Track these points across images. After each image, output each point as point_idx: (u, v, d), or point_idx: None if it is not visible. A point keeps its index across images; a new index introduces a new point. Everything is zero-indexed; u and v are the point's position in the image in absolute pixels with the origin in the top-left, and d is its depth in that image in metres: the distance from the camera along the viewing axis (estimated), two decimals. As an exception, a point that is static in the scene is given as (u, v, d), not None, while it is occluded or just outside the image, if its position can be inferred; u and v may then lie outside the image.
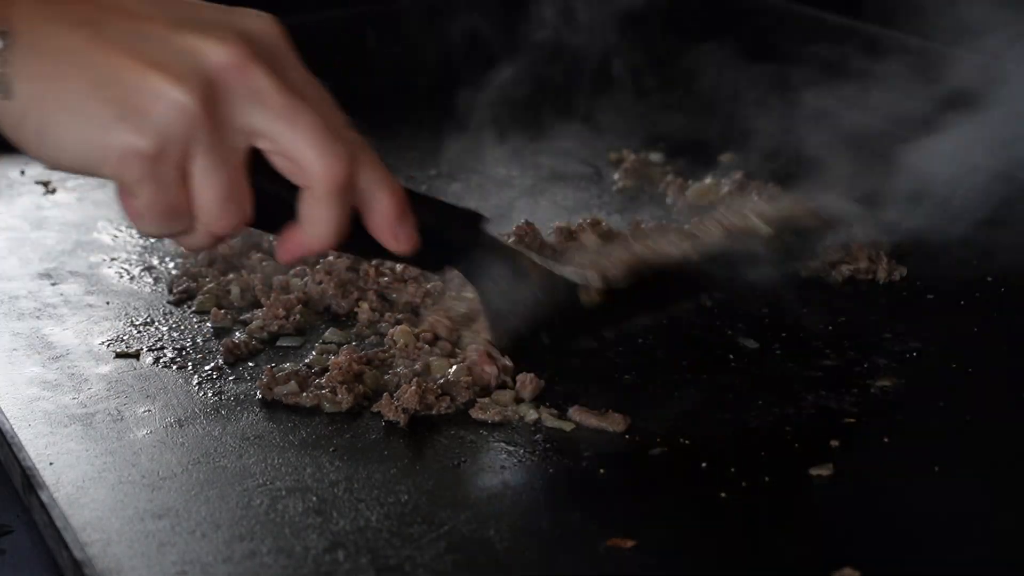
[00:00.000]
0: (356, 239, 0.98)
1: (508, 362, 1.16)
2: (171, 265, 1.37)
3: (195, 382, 1.16)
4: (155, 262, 1.38)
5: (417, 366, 1.15)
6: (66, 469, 1.03)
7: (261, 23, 0.92)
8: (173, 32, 0.88)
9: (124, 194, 0.90)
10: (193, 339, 1.24)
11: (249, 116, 0.89)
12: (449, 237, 1.06)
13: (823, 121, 1.55)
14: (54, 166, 0.89)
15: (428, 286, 1.27)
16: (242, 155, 0.91)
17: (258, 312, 1.26)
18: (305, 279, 1.29)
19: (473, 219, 1.08)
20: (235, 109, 0.89)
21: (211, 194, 0.89)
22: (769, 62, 1.67)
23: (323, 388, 1.13)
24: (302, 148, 0.91)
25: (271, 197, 0.94)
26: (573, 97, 1.75)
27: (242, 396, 1.14)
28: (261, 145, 0.91)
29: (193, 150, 0.88)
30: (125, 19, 0.88)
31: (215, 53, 0.88)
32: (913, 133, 1.53)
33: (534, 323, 1.13)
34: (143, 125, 0.86)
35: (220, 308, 1.27)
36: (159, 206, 0.89)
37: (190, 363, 1.19)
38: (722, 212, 1.24)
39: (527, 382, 1.14)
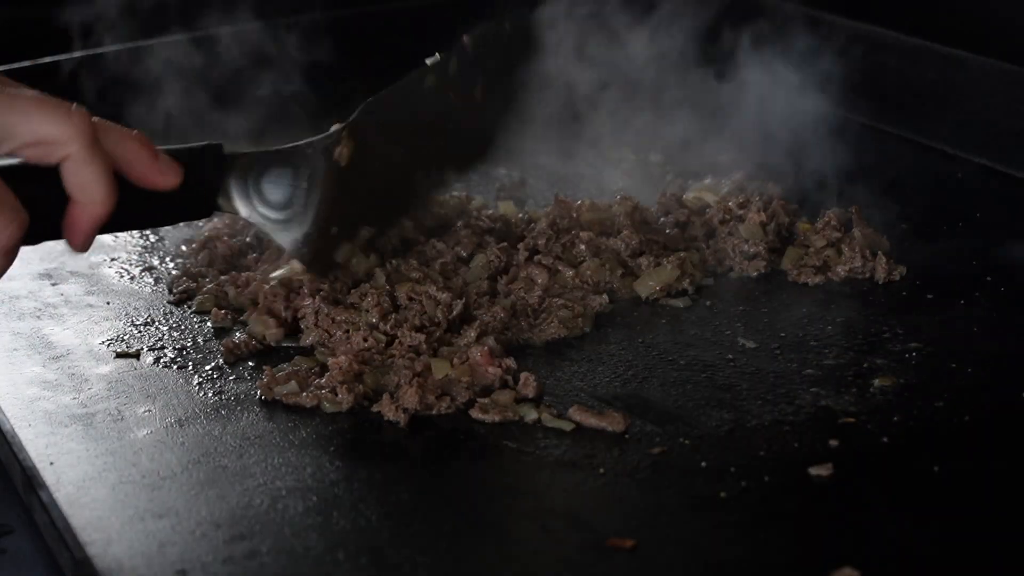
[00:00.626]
0: (127, 205, 1.02)
1: (511, 362, 1.16)
2: (171, 265, 1.37)
3: (195, 382, 1.16)
4: (155, 262, 1.38)
5: (417, 366, 1.15)
6: (67, 469, 1.04)
7: None
8: None
9: None
10: (193, 339, 1.24)
11: None
12: (202, 172, 1.09)
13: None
14: None
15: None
16: None
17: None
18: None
19: (214, 149, 1.11)
20: None
21: None
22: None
23: (323, 388, 1.13)
24: (41, 123, 0.95)
25: (37, 203, 0.97)
26: (574, 97, 1.75)
27: (242, 396, 1.14)
28: (4, 147, 0.95)
29: None
30: None
31: None
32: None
33: (316, 219, 1.15)
34: None
35: (220, 308, 1.27)
36: None
37: (190, 363, 1.20)
38: None
39: (527, 382, 1.14)
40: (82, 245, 1.00)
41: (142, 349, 1.21)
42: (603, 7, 1.65)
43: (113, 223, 1.02)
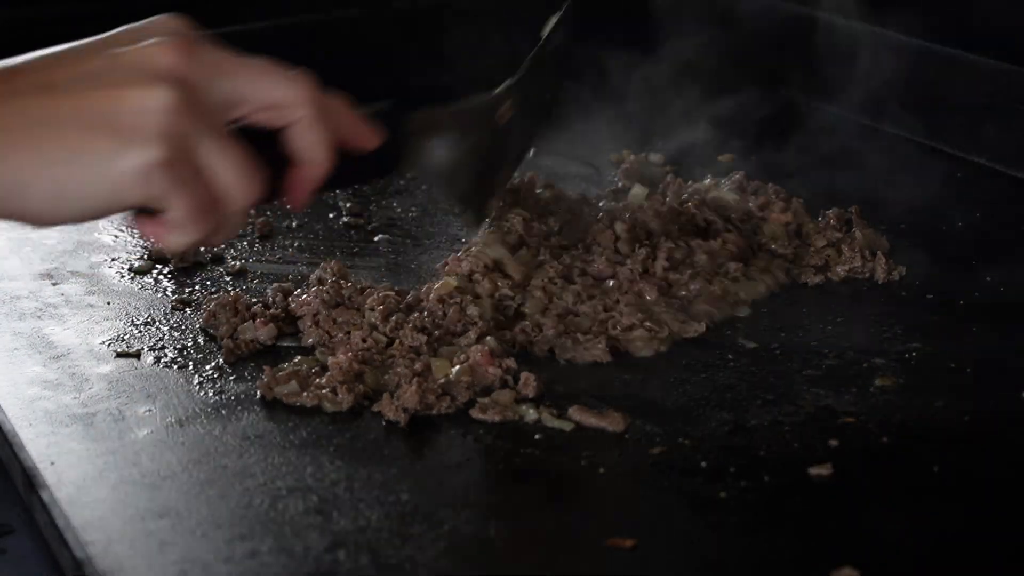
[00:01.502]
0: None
1: (511, 362, 1.17)
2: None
3: (196, 382, 1.17)
4: (156, 262, 1.38)
5: (417, 366, 1.15)
6: (67, 469, 1.04)
7: (174, 19, 0.95)
8: (113, 59, 0.90)
9: (148, 221, 0.91)
10: (194, 339, 1.24)
11: (221, 87, 0.92)
12: (389, 133, 1.12)
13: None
14: (78, 220, 0.90)
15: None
16: (227, 129, 0.93)
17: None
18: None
19: (396, 110, 1.13)
20: (208, 88, 0.91)
21: (230, 172, 0.91)
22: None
23: (323, 388, 1.13)
24: (278, 86, 0.95)
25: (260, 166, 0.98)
26: (573, 97, 1.75)
27: (243, 396, 1.14)
28: (239, 112, 0.94)
29: (196, 140, 0.90)
30: (67, 69, 0.89)
31: (160, 52, 0.90)
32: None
33: (477, 168, 1.21)
34: (148, 138, 0.88)
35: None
36: (194, 206, 0.90)
37: (191, 363, 1.20)
38: None
39: (527, 382, 1.14)
40: (303, 205, 1.00)
41: (143, 349, 1.22)
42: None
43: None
